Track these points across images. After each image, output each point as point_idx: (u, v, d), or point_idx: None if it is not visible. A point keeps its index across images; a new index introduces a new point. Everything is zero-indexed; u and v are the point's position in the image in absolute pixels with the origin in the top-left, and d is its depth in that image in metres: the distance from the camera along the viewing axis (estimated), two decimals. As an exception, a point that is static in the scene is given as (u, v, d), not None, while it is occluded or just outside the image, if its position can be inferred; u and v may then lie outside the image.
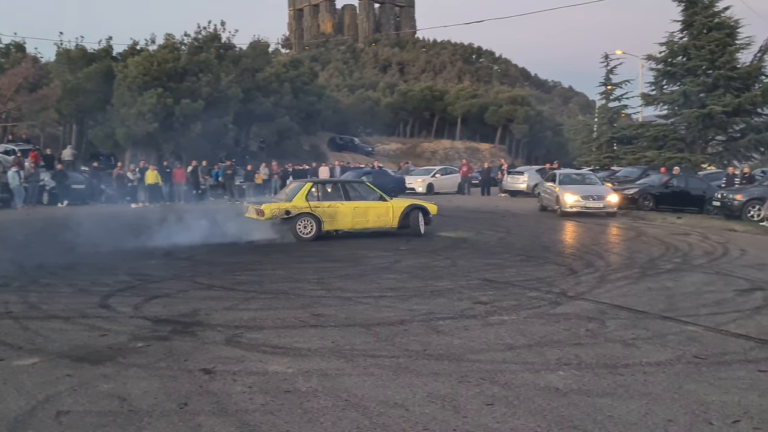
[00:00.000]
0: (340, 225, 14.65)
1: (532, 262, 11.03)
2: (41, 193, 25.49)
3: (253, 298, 8.12)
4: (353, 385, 4.81)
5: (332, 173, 33.98)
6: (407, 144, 65.99)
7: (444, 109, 71.26)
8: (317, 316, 7.03)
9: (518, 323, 6.70)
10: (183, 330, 6.43)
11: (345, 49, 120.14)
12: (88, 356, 5.52)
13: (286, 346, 5.84)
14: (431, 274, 9.80)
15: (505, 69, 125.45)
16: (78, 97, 37.06)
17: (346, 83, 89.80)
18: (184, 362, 5.36)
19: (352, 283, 9.10)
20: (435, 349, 5.75)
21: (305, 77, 50.82)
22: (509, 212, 21.49)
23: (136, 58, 35.64)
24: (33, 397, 4.54)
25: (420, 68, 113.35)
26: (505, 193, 31.99)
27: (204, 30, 39.73)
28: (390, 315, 7.09)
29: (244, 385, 4.79)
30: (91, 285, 8.99)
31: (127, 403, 4.44)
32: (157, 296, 8.15)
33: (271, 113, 43.79)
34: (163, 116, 33.03)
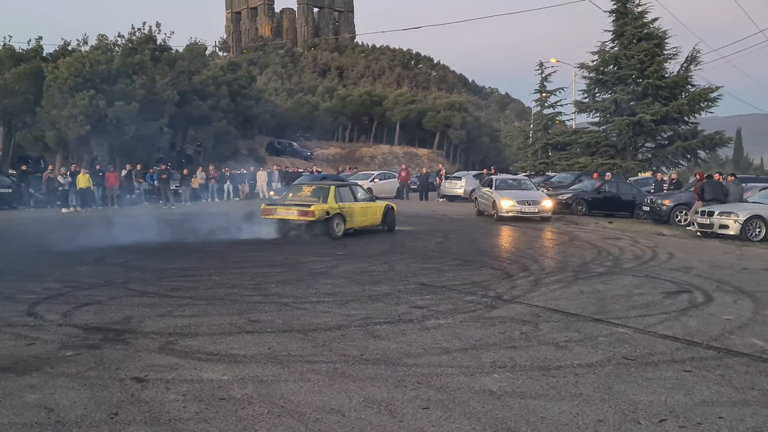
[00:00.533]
0: (354, 224, 15.96)
1: (468, 266, 11.18)
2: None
3: (188, 304, 7.98)
4: (289, 392, 4.78)
5: (270, 177, 33.75)
6: (346, 149, 66.03)
7: (383, 114, 71.60)
8: (253, 322, 6.97)
9: (454, 327, 6.78)
10: (114, 338, 6.27)
11: (284, 53, 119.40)
12: (13, 366, 5.33)
13: (222, 353, 5.77)
14: (369, 279, 9.83)
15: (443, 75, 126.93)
16: (5, 98, 35.70)
17: (284, 87, 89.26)
18: (115, 371, 5.23)
19: (290, 289, 9.05)
20: (372, 354, 5.77)
21: (243, 81, 50.30)
22: (447, 217, 21.72)
23: (67, 59, 34.57)
24: (-47, 410, 4.36)
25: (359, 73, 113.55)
26: (443, 198, 32.34)
27: (138, 31, 38.82)
28: (327, 320, 7.08)
29: (177, 393, 4.71)
30: (18, 292, 8.69)
31: (54, 414, 4.30)
32: (88, 303, 7.93)
33: (208, 116, 43.18)
34: (96, 119, 32.15)
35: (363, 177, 35.58)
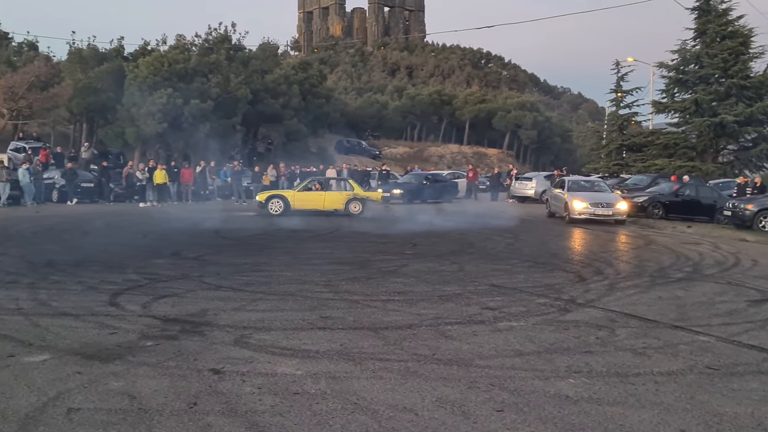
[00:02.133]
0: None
1: (540, 269, 11.00)
2: (51, 190, 25.61)
3: (260, 299, 8.11)
4: (362, 389, 4.80)
5: (339, 175, 34.03)
6: (414, 148, 65.91)
7: (452, 114, 71.21)
8: (325, 318, 7.03)
9: (527, 330, 6.67)
10: (192, 330, 6.43)
11: (354, 52, 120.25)
12: (98, 354, 5.53)
13: (295, 348, 5.84)
14: (438, 279, 9.78)
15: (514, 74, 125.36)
16: (89, 96, 37.18)
17: (354, 86, 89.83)
18: (193, 362, 5.36)
19: (360, 286, 9.09)
20: (443, 354, 5.73)
21: (314, 80, 50.89)
22: (517, 218, 21.44)
23: (147, 59, 35.75)
24: (44, 394, 4.55)
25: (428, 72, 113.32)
26: (513, 198, 31.95)
27: (214, 31, 39.78)
28: (398, 319, 7.08)
29: (253, 386, 4.79)
30: (100, 283, 9.01)
31: (137, 402, 4.44)
32: (166, 295, 8.16)
33: (280, 115, 43.87)
34: (173, 116, 33.11)
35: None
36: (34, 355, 5.51)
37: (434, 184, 30.96)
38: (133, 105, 33.70)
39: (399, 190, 29.24)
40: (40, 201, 24.41)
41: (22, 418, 4.15)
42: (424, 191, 29.80)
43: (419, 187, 29.96)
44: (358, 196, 22.54)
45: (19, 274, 9.63)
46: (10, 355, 5.47)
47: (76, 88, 37.10)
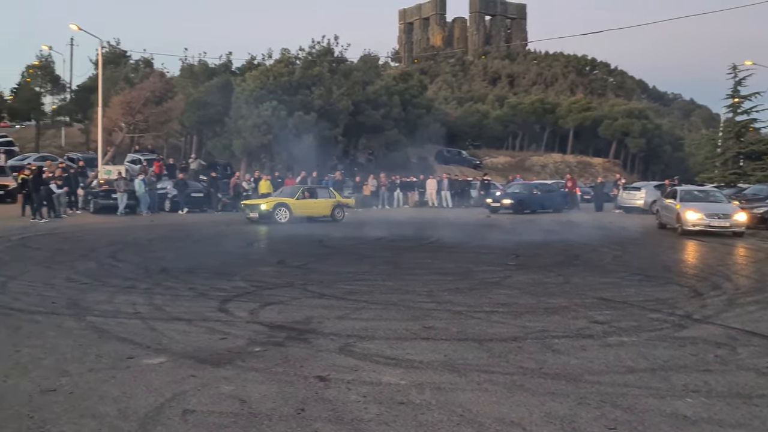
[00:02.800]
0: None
1: (651, 282, 10.53)
2: (163, 200, 26.88)
3: (364, 308, 8.17)
4: (467, 401, 4.73)
5: (440, 185, 33.98)
6: (516, 157, 64.97)
7: (555, 122, 69.73)
8: (428, 328, 6.99)
9: (639, 345, 6.39)
10: (297, 337, 6.55)
11: (454, 61, 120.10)
12: (209, 358, 5.72)
13: (399, 358, 5.83)
14: (544, 291, 9.55)
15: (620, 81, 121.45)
16: (199, 109, 38.91)
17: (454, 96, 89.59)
18: (299, 368, 5.45)
19: (462, 297, 9.00)
20: (551, 368, 5.57)
21: (414, 90, 51.14)
22: (624, 229, 20.69)
23: (253, 72, 37.08)
24: (161, 395, 4.74)
25: (531, 80, 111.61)
26: (620, 209, 30.87)
27: (318, 44, 40.80)
28: (503, 331, 6.95)
29: (358, 394, 4.81)
30: (210, 289, 9.35)
31: (247, 406, 4.55)
32: (272, 303, 8.36)
33: (380, 125, 44.33)
34: (277, 128, 34.11)
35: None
36: (151, 357, 5.77)
37: (544, 194, 30.22)
38: (240, 117, 34.98)
39: (508, 200, 28.70)
40: (154, 210, 25.65)
41: (142, 418, 4.33)
42: (533, 201, 29.16)
43: (528, 197, 29.33)
44: (340, 203, 24.24)
45: (136, 280, 10.14)
46: (129, 357, 5.75)
47: (187, 102, 38.91)
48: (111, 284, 9.71)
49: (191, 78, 42.97)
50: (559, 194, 31.47)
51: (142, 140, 41.23)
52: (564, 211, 29.43)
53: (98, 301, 8.37)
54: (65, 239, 16.40)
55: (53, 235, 17.24)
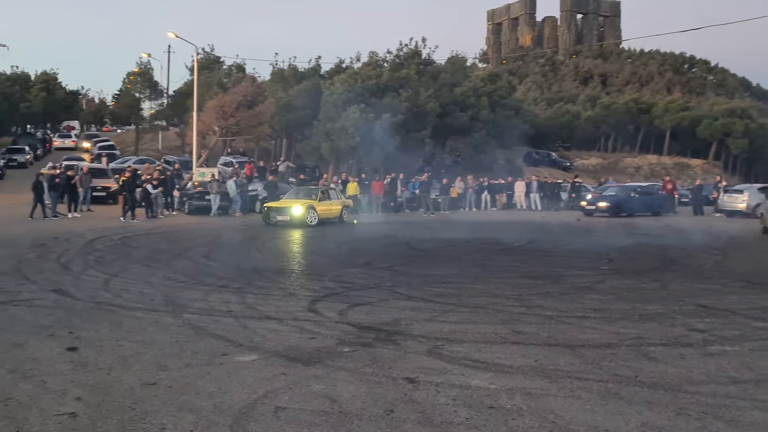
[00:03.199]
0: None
1: (756, 289, 10.00)
2: (254, 202, 27.57)
3: (451, 310, 8.12)
4: (559, 407, 4.61)
5: (529, 188, 33.42)
6: (608, 159, 63.10)
7: (650, 123, 67.25)
8: (518, 333, 6.88)
9: (743, 355, 6.07)
10: (386, 338, 6.58)
11: (544, 62, 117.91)
12: (300, 357, 5.82)
13: (488, 361, 5.76)
14: (639, 297, 9.22)
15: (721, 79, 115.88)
16: (288, 113, 39.75)
17: (543, 97, 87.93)
18: (388, 369, 5.46)
19: (553, 302, 8.81)
20: (647, 377, 5.37)
21: (502, 91, 50.54)
22: (726, 233, 19.74)
23: (341, 76, 37.59)
24: (254, 392, 4.86)
25: (624, 80, 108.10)
26: (720, 213, 29.46)
27: (405, 47, 40.94)
28: (595, 337, 6.76)
29: (447, 397, 4.78)
30: (300, 289, 9.53)
31: (337, 405, 4.60)
32: (360, 304, 8.43)
33: (468, 127, 44.04)
34: (365, 130, 34.43)
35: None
36: (244, 354, 5.92)
37: (644, 196, 29.05)
38: (328, 120, 35.51)
39: (604, 202, 27.80)
40: (245, 211, 26.34)
41: (236, 413, 4.45)
42: (631, 204, 28.11)
43: (626, 200, 28.28)
44: (347, 204, 23.81)
45: (229, 279, 10.45)
46: (223, 354, 5.92)
47: (277, 105, 39.82)
48: (205, 283, 10.05)
49: (281, 82, 44.02)
50: (658, 197, 30.22)
51: (234, 143, 42.45)
52: (662, 214, 28.28)
53: (193, 299, 8.68)
54: (162, 239, 17.08)
55: (151, 234, 17.99)
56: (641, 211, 27.72)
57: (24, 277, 10.50)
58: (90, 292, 9.19)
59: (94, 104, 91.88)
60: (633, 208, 27.72)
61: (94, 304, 8.34)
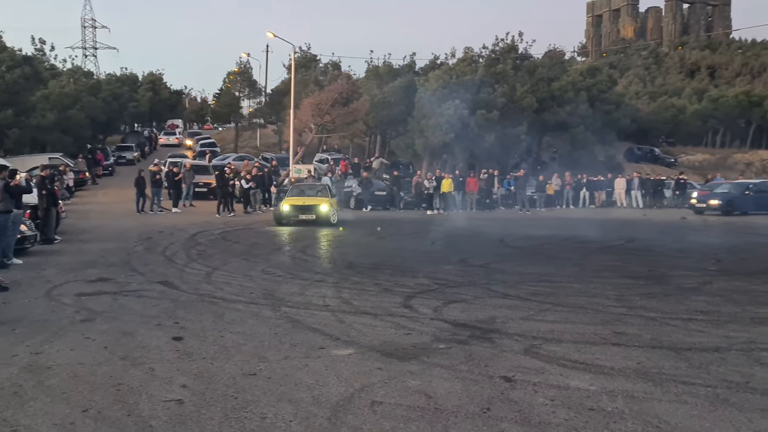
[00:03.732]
0: None
1: None
2: (349, 198, 27.94)
3: (548, 309, 7.96)
4: (664, 412, 4.43)
5: (630, 185, 32.33)
6: (716, 155, 60.08)
7: (763, 116, 63.59)
8: (619, 334, 6.65)
9: None
10: (481, 336, 6.51)
11: (647, 54, 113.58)
12: (395, 352, 5.85)
13: (587, 362, 5.60)
14: (749, 299, 8.74)
15: None
16: (383, 110, 40.01)
17: (646, 90, 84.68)
18: (484, 367, 5.41)
19: (656, 303, 8.47)
20: (759, 383, 5.08)
21: (602, 85, 49.03)
22: None
23: (436, 72, 37.44)
24: (350, 386, 4.92)
25: (734, 72, 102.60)
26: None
27: (502, 41, 40.35)
28: (702, 340, 6.45)
29: (545, 398, 4.68)
30: (395, 285, 9.57)
31: (433, 401, 4.59)
32: (455, 301, 8.39)
33: (566, 123, 42.95)
34: (459, 126, 34.18)
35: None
36: (341, 348, 6.01)
37: (759, 194, 27.40)
38: (422, 117, 35.46)
39: (716, 200, 26.46)
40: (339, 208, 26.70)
41: (334, 405, 4.52)
42: (745, 202, 26.60)
43: (740, 198, 26.78)
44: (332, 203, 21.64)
45: (325, 274, 10.65)
46: (320, 347, 6.03)
47: (372, 103, 40.13)
48: (302, 277, 10.27)
49: (376, 79, 44.29)
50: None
51: (330, 140, 43.15)
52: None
53: (291, 292, 8.88)
54: (260, 234, 17.58)
55: (249, 230, 18.54)
56: (756, 209, 26.14)
57: (133, 269, 11.06)
58: (193, 284, 9.57)
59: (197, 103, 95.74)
60: (747, 207, 26.21)
61: (198, 296, 8.67)
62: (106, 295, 8.66)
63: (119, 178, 34.60)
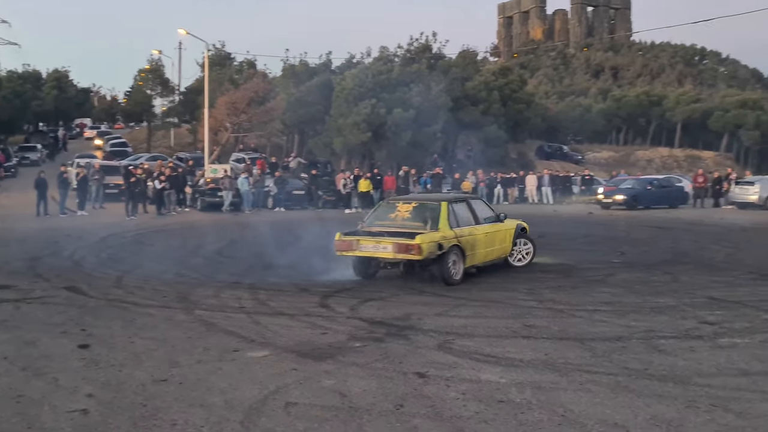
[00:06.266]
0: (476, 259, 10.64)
1: (767, 282, 9.96)
2: (266, 198, 27.66)
3: (463, 305, 8.15)
4: (569, 401, 4.63)
5: (540, 181, 33.34)
6: (620, 152, 62.77)
7: (662, 115, 66.88)
8: (529, 327, 6.89)
9: (753, 347, 6.06)
10: (397, 333, 6.61)
11: (555, 55, 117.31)
12: (311, 352, 5.87)
13: (498, 356, 5.78)
14: (650, 290, 9.20)
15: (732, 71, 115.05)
16: (300, 109, 39.83)
17: (555, 90, 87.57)
18: (398, 364, 5.50)
19: (564, 295, 8.82)
20: (657, 369, 5.37)
21: (514, 85, 50.36)
22: (737, 225, 19.62)
23: (352, 71, 37.59)
24: (264, 388, 4.91)
25: (635, 72, 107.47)
26: (732, 205, 29.27)
27: (416, 42, 40.90)
28: (606, 330, 6.76)
29: (457, 392, 4.81)
30: (312, 285, 9.56)
31: (347, 400, 4.64)
32: (372, 299, 8.48)
33: (479, 122, 43.91)
34: (376, 126, 34.41)
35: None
36: (256, 350, 5.97)
37: (659, 189, 29.00)
38: (339, 116, 35.54)
39: (621, 195, 27.74)
40: (257, 207, 26.43)
41: (247, 409, 4.50)
42: (649, 197, 28.07)
43: (643, 193, 28.24)
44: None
45: (241, 275, 10.53)
46: (235, 350, 5.98)
47: (288, 101, 39.90)
48: (218, 279, 10.14)
49: (292, 78, 44.05)
50: (673, 190, 30.09)
51: (246, 139, 42.61)
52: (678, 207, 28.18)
53: (206, 295, 8.75)
54: (174, 236, 17.19)
55: (163, 232, 18.11)
56: (657, 203, 27.60)
57: (37, 274, 10.63)
58: (102, 289, 9.28)
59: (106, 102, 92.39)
60: (649, 201, 27.64)
61: (107, 301, 8.43)
62: (7, 303, 8.28)
63: (23, 180, 33.03)
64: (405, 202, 10.73)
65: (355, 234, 10.03)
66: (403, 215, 10.26)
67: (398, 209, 10.42)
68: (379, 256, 9.71)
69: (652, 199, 27.87)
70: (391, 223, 10.17)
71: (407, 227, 9.85)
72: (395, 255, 9.42)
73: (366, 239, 9.73)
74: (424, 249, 9.13)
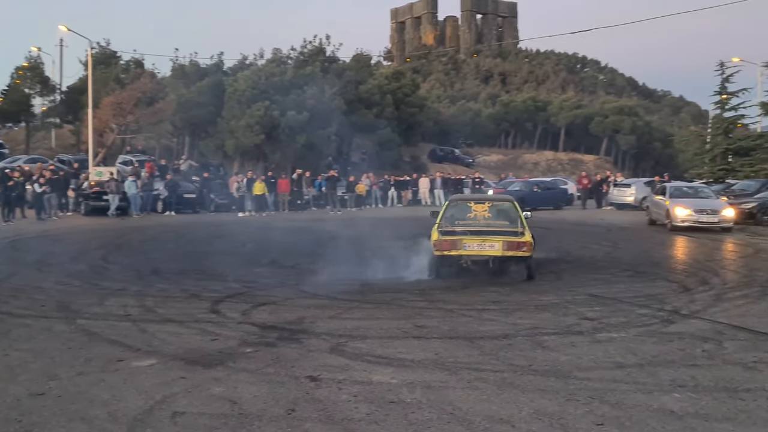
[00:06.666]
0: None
1: (641, 278, 10.60)
2: (155, 201, 26.80)
3: (356, 307, 8.20)
4: (457, 398, 4.76)
5: (433, 184, 34.02)
6: (509, 155, 65.06)
7: (547, 120, 69.90)
8: (420, 327, 7.02)
9: (628, 341, 6.44)
10: (289, 337, 6.57)
11: (446, 60, 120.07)
12: (200, 359, 5.74)
13: (390, 357, 5.86)
14: (535, 288, 9.60)
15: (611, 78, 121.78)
16: (191, 110, 38.82)
17: (447, 94, 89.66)
18: (290, 369, 5.47)
19: (455, 295, 9.05)
20: (540, 365, 5.61)
21: (407, 89, 51.06)
22: (615, 225, 20.76)
23: (245, 73, 37.00)
24: (151, 397, 4.75)
25: (522, 79, 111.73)
26: (610, 206, 30.95)
27: (310, 44, 40.76)
28: (494, 328, 6.99)
29: (349, 394, 4.84)
30: (202, 290, 9.36)
31: (237, 407, 4.57)
32: (264, 303, 8.38)
33: (373, 125, 44.27)
34: (270, 128, 34.03)
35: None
36: (142, 359, 5.77)
37: (545, 191, 30.43)
38: (232, 118, 34.91)
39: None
40: (146, 211, 25.57)
41: (131, 420, 4.34)
42: (535, 198, 29.28)
43: (530, 194, 29.43)
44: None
45: (127, 282, 10.15)
46: (119, 360, 5.76)
47: (178, 102, 38.81)
48: (101, 286, 9.73)
49: (182, 78, 42.86)
50: (558, 191, 31.70)
51: (134, 141, 41.10)
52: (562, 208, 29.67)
53: (88, 303, 8.37)
54: (56, 241, 16.36)
55: (43, 237, 17.20)
56: (543, 204, 28.88)
57: None
58: (-25, 300, 8.70)
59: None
60: (536, 202, 28.81)
61: (-21, 312, 7.91)
62: None
63: None
64: (477, 202, 11.24)
65: (453, 234, 10.28)
66: (483, 215, 10.74)
67: (474, 209, 10.84)
68: (485, 255, 10.22)
69: (538, 200, 29.13)
70: (474, 223, 10.58)
71: (495, 226, 10.43)
72: (504, 252, 10.03)
73: (470, 238, 10.10)
74: (532, 246, 10.06)
